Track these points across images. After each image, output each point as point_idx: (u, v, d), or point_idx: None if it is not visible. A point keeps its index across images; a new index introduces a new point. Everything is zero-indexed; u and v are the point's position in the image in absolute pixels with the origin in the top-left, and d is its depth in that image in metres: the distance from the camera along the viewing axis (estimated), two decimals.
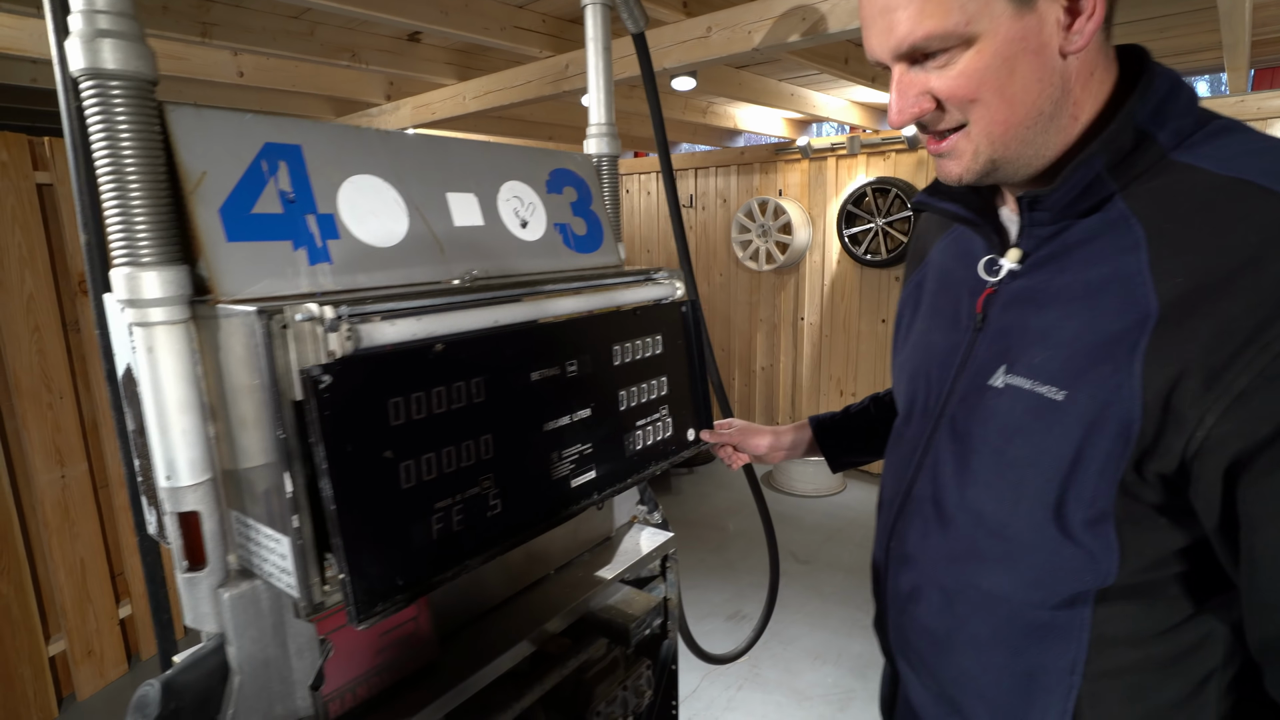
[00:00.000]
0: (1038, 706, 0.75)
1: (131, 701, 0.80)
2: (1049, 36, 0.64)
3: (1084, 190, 0.67)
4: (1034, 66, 0.65)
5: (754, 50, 1.76)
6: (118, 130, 0.68)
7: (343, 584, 0.71)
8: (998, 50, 0.64)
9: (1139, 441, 0.62)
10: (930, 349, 0.85)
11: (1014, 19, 0.63)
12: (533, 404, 0.93)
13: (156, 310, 0.72)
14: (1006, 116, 0.67)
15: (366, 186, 0.90)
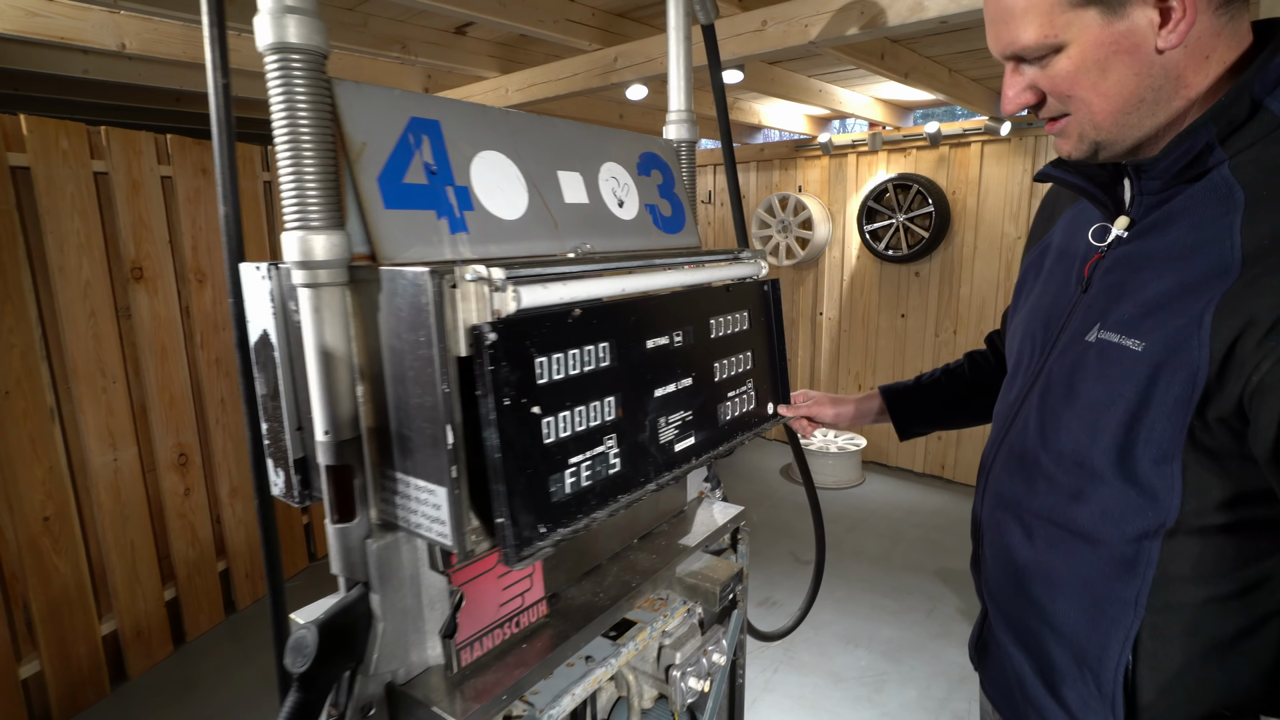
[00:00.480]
0: (1102, 635, 0.81)
1: (289, 643, 0.84)
2: (1142, 38, 0.69)
3: (1192, 160, 0.72)
4: (1128, 64, 0.71)
5: (810, 44, 1.81)
6: (296, 100, 0.73)
7: (500, 528, 0.76)
8: (1087, 54, 0.71)
9: (1205, 387, 0.67)
10: (1040, 312, 0.91)
11: (1103, 26, 0.70)
12: (647, 370, 0.98)
13: (324, 272, 0.77)
14: (1104, 107, 0.74)
15: (494, 162, 0.95)
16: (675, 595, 1.29)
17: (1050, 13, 0.71)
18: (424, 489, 0.81)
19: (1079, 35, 0.71)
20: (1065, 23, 0.71)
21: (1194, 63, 0.71)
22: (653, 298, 0.99)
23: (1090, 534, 0.81)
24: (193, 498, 2.83)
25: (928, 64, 3.05)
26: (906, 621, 2.99)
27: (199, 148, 2.76)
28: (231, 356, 2.98)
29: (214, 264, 2.87)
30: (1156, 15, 0.68)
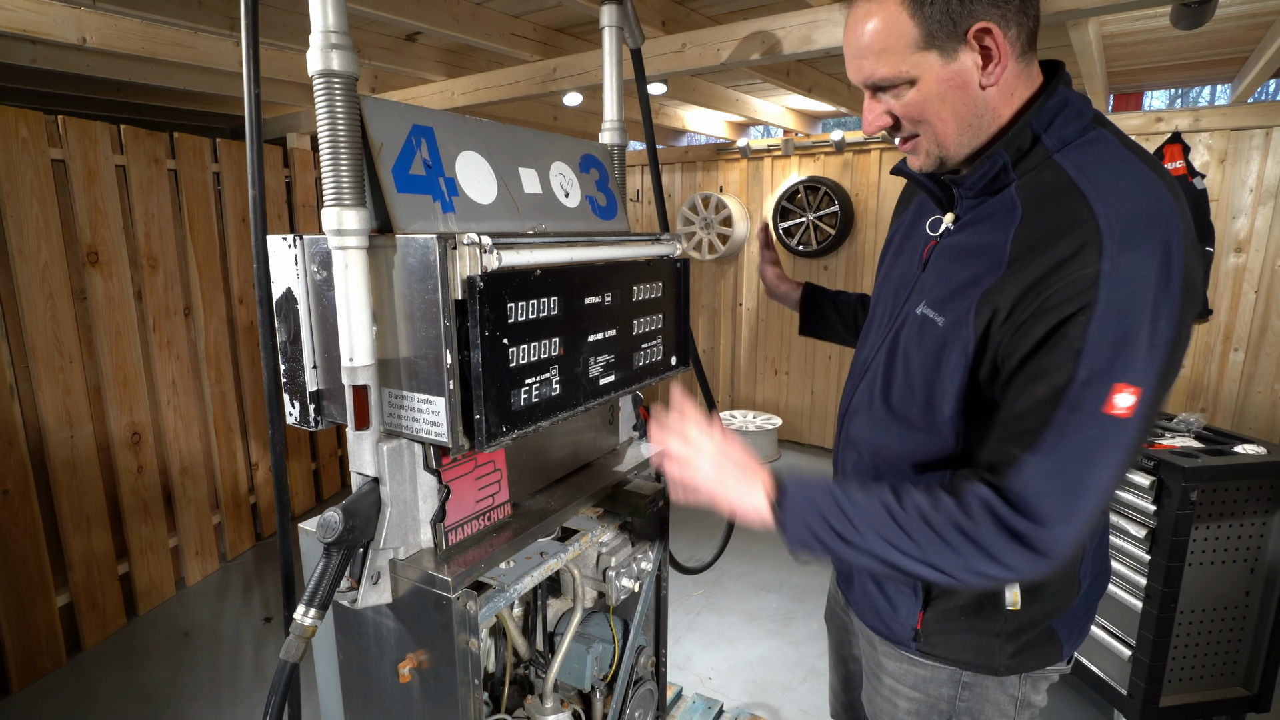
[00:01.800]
0: None
1: (318, 522, 1.11)
2: (970, 76, 0.88)
3: (992, 178, 0.93)
4: (960, 97, 0.90)
5: (721, 65, 2.16)
6: (336, 112, 1.00)
7: (477, 424, 1.06)
8: (930, 88, 0.90)
9: (972, 357, 0.90)
10: (891, 282, 1.17)
11: (942, 66, 0.88)
12: (584, 320, 1.28)
13: (352, 238, 1.04)
14: (943, 131, 0.93)
15: (472, 160, 1.24)
16: (611, 511, 1.60)
17: (902, 53, 0.88)
18: (426, 401, 1.09)
19: (924, 73, 0.89)
20: (914, 62, 0.88)
21: (1004, 98, 0.91)
22: (591, 266, 1.29)
23: (908, 462, 1.04)
24: (145, 476, 2.94)
25: (828, 80, 3.48)
26: (812, 570, 3.41)
27: (151, 139, 2.87)
28: (181, 341, 3.10)
29: (165, 250, 2.99)
30: (980, 59, 0.87)
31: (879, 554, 0.88)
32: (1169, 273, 0.78)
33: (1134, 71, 3.50)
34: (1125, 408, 0.77)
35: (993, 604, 1.02)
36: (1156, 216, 0.80)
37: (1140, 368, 0.78)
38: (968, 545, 0.84)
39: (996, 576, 0.85)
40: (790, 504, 0.96)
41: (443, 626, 1.14)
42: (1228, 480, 1.98)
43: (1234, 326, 3.71)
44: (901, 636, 1.09)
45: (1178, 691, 2.11)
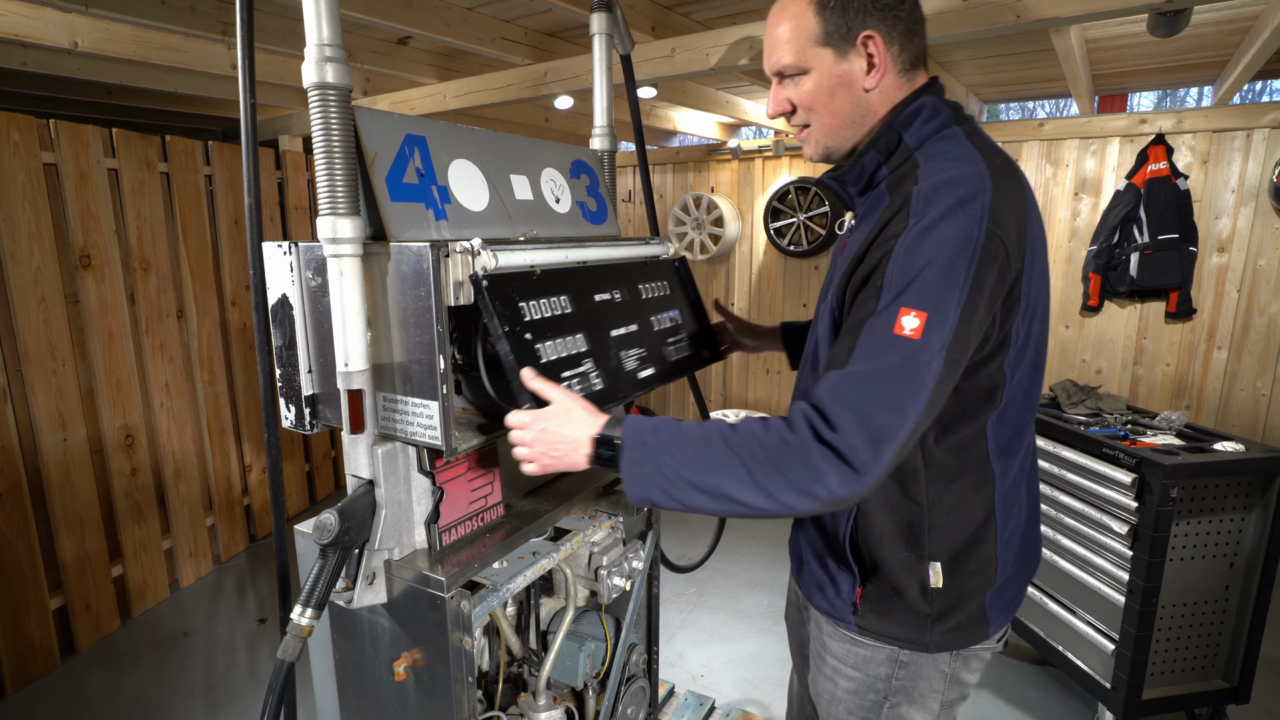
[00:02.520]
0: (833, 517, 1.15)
1: (314, 523, 1.13)
2: (855, 78, 1.02)
3: (869, 176, 1.07)
4: (846, 95, 1.03)
5: (710, 70, 2.19)
6: (331, 123, 1.02)
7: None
8: (822, 81, 1.03)
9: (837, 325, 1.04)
10: (824, 282, 1.24)
11: (834, 64, 1.02)
12: (600, 316, 1.29)
13: (347, 246, 1.06)
14: (830, 123, 1.06)
15: (464, 168, 1.26)
16: (602, 511, 1.63)
17: (803, 46, 1.02)
18: (420, 404, 1.11)
19: (818, 66, 1.02)
20: (811, 55, 1.02)
21: (883, 103, 1.04)
22: (590, 266, 1.32)
23: None
24: (139, 478, 2.95)
25: None
26: None
27: (143, 142, 2.88)
28: (174, 343, 3.10)
29: (158, 254, 2.99)
30: (866, 64, 1.01)
31: (711, 484, 0.90)
32: (967, 224, 0.89)
33: (1118, 74, 3.55)
34: (912, 329, 0.87)
35: (919, 583, 1.08)
36: (959, 180, 0.93)
37: (928, 296, 0.87)
38: (792, 458, 0.87)
39: (818, 495, 0.86)
40: (632, 430, 0.98)
41: (437, 625, 1.16)
42: (1207, 477, 2.02)
43: (1217, 325, 3.77)
44: (843, 613, 1.15)
45: (1160, 684, 2.15)
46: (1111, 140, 3.86)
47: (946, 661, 1.13)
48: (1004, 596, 1.13)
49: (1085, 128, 3.89)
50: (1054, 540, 2.38)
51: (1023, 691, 2.50)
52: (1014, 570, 1.13)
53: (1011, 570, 1.12)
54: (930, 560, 1.07)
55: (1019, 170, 1.01)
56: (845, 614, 1.15)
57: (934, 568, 1.07)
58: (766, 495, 0.88)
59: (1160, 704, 2.12)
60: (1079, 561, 2.28)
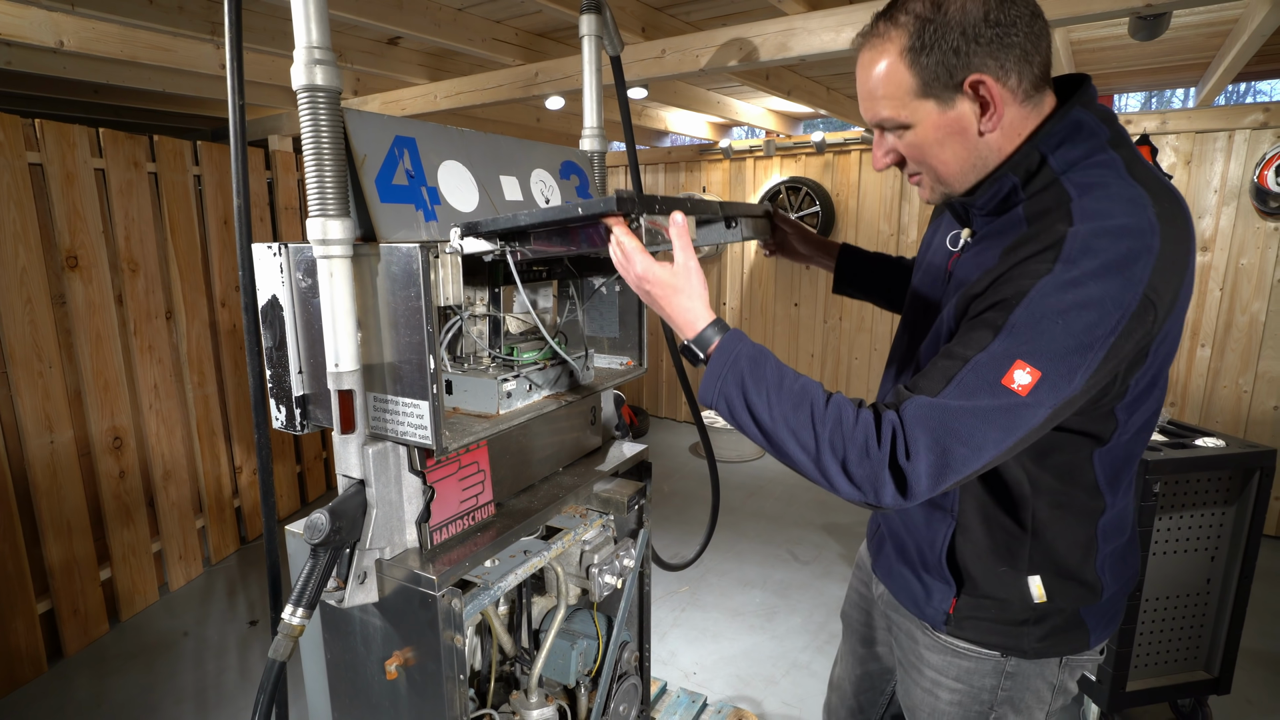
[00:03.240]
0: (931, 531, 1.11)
1: (305, 523, 1.14)
2: (968, 124, 0.91)
3: (1002, 200, 0.95)
4: (959, 142, 0.93)
5: (700, 71, 2.20)
6: (320, 125, 1.03)
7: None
8: (928, 134, 0.94)
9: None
10: (924, 286, 1.17)
11: (939, 114, 0.92)
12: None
13: (337, 247, 1.07)
14: (944, 171, 0.97)
15: (454, 169, 1.27)
16: (593, 510, 1.64)
17: (901, 99, 0.92)
18: (410, 404, 1.12)
19: (922, 119, 0.92)
20: (912, 109, 0.92)
21: (1009, 139, 0.93)
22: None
23: None
24: (128, 480, 2.93)
25: (807, 83, 3.53)
26: (795, 566, 3.47)
27: (130, 142, 2.86)
28: (163, 345, 3.09)
29: (146, 255, 2.98)
30: (978, 108, 0.90)
31: (778, 435, 0.90)
32: (1121, 288, 0.80)
33: (1104, 75, 3.58)
34: (1021, 385, 0.81)
35: (1020, 599, 1.06)
36: (1125, 232, 0.82)
37: (1048, 353, 0.81)
38: (866, 465, 0.85)
39: (866, 499, 0.87)
40: (726, 342, 0.97)
41: (428, 624, 1.17)
42: (1189, 472, 2.05)
43: (1201, 323, 3.82)
44: (934, 619, 1.13)
45: (1144, 676, 2.19)
46: None
47: (1054, 672, 1.11)
48: (1105, 611, 1.10)
49: None
50: None
51: None
52: (1116, 587, 1.10)
53: (1114, 587, 1.09)
54: (1030, 575, 1.05)
55: (1186, 211, 0.89)
56: (937, 620, 1.13)
57: (1034, 582, 1.04)
58: (820, 471, 0.88)
59: (1144, 695, 2.15)
60: None
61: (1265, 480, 2.06)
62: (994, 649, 1.10)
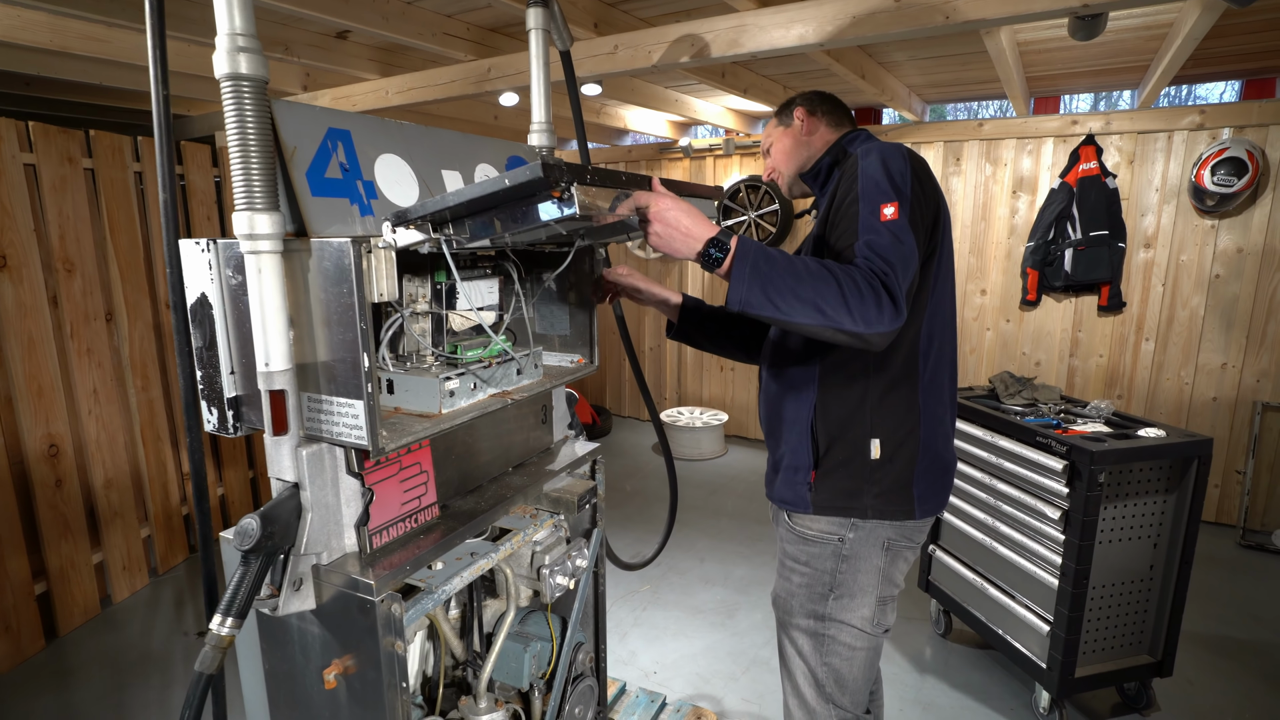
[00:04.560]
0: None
1: (235, 529, 1.09)
2: (797, 134, 1.56)
3: (825, 177, 1.52)
4: (794, 147, 1.57)
5: (652, 67, 2.19)
6: (245, 116, 0.99)
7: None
8: (780, 146, 1.58)
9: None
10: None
11: (784, 134, 1.57)
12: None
13: (265, 242, 1.03)
14: (789, 169, 1.59)
15: (392, 163, 1.23)
16: (544, 509, 1.62)
17: (771, 132, 1.60)
18: (345, 404, 1.08)
19: (776, 140, 1.60)
20: (772, 135, 1.60)
21: (820, 143, 1.55)
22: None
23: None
24: (65, 490, 2.81)
25: (764, 81, 3.55)
26: (757, 562, 3.48)
27: (64, 136, 2.75)
28: (103, 348, 2.97)
29: (83, 254, 2.86)
30: (802, 127, 1.55)
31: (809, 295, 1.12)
32: (898, 150, 1.31)
33: (1050, 77, 3.68)
34: (890, 214, 1.22)
35: (861, 455, 1.37)
36: (876, 147, 1.32)
37: (891, 195, 1.23)
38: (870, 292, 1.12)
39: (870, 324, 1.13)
40: (746, 243, 1.18)
41: (367, 631, 1.13)
42: (1132, 462, 2.11)
43: (1145, 318, 3.95)
44: (798, 497, 1.43)
45: (1091, 662, 2.24)
46: (1046, 140, 4.00)
47: (880, 555, 1.42)
48: (928, 481, 1.40)
49: (1022, 128, 4.03)
50: (992, 527, 2.46)
51: (966, 674, 2.58)
52: (930, 462, 1.40)
53: (928, 462, 1.40)
54: (871, 438, 1.37)
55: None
56: (803, 493, 1.42)
57: (874, 445, 1.37)
58: (848, 313, 1.11)
59: (1091, 681, 2.21)
60: (1016, 547, 2.36)
61: (1203, 468, 2.13)
62: (842, 513, 1.39)
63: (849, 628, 1.44)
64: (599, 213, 1.02)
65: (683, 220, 1.16)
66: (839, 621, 1.44)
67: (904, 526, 1.41)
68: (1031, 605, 2.31)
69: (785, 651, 1.55)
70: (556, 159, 0.95)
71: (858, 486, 1.38)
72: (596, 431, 5.42)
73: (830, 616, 1.44)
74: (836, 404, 1.39)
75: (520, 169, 0.92)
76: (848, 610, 1.43)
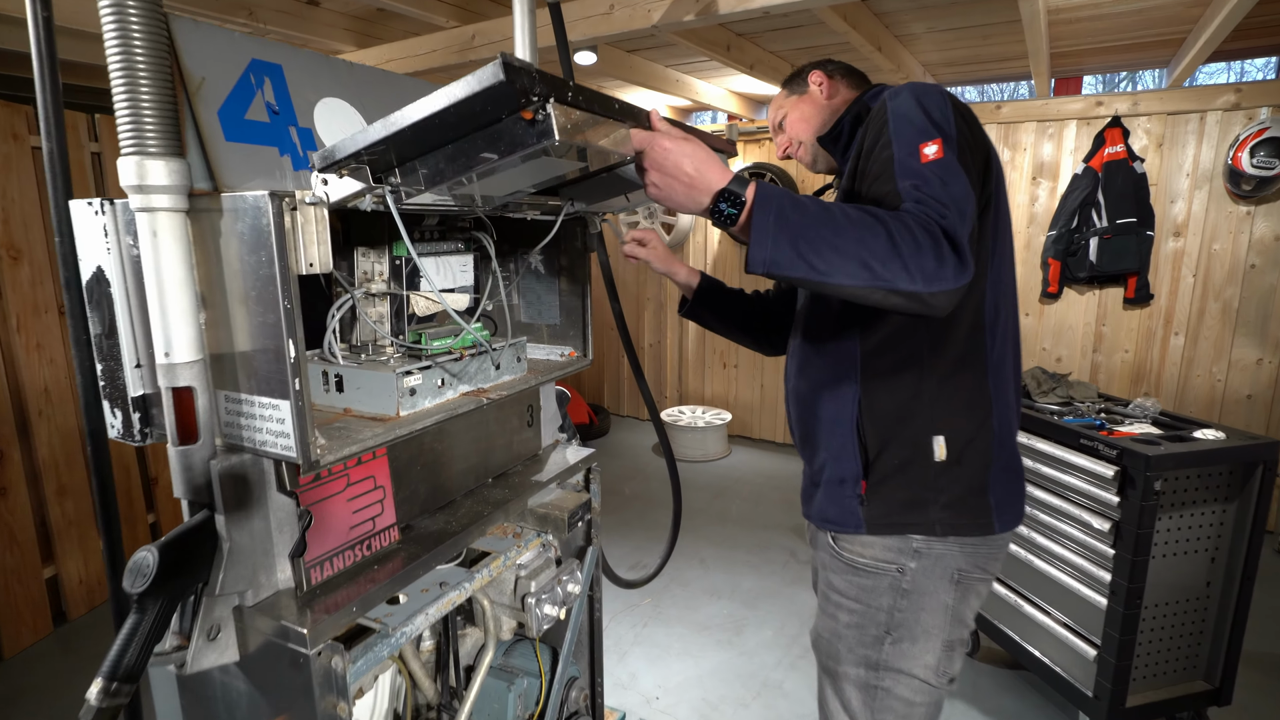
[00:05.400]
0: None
1: (129, 565, 0.86)
2: (815, 99, 1.36)
3: (846, 136, 1.29)
4: (814, 112, 1.35)
5: (653, 27, 1.96)
6: (130, 28, 0.76)
7: None
8: (796, 115, 1.37)
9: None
10: None
11: (798, 102, 1.37)
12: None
13: (161, 197, 0.80)
14: (809, 135, 1.37)
15: (337, 109, 1.00)
16: (529, 528, 1.39)
17: (781, 104, 1.40)
18: (268, 405, 0.85)
19: (790, 108, 1.39)
20: (784, 105, 1.40)
21: (841, 102, 1.35)
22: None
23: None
24: (12, 498, 2.58)
25: (770, 58, 3.32)
26: (765, 572, 3.25)
27: (7, 110, 2.51)
28: (55, 343, 2.73)
29: (31, 240, 2.62)
30: (819, 89, 1.35)
31: (849, 247, 0.89)
32: (922, 98, 1.05)
33: (1076, 53, 3.45)
34: (933, 153, 0.99)
35: (923, 456, 1.13)
36: (906, 86, 1.09)
37: (931, 132, 1.01)
38: (928, 240, 0.89)
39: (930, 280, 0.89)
40: (766, 188, 0.94)
41: (301, 690, 0.90)
42: (1191, 467, 1.88)
43: (1174, 311, 3.72)
44: (847, 515, 1.18)
45: (1143, 690, 2.02)
46: (1068, 123, 3.77)
47: (949, 590, 1.15)
48: (1004, 484, 1.16)
49: (1042, 110, 3.80)
50: (1027, 538, 2.23)
51: (997, 699, 2.35)
52: (1006, 461, 1.16)
53: (1006, 459, 1.16)
54: (934, 435, 1.12)
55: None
56: (853, 509, 1.17)
57: (939, 444, 1.12)
58: (903, 267, 0.88)
59: (1144, 711, 1.99)
60: (1055, 560, 2.13)
61: (1269, 474, 1.90)
62: (901, 531, 1.14)
63: (908, 678, 1.17)
64: (589, 151, 0.79)
65: (684, 165, 0.93)
66: (896, 671, 1.17)
67: (977, 550, 1.15)
68: (1073, 624, 2.08)
69: (828, 705, 1.27)
70: (522, 60, 0.71)
71: (921, 496, 1.13)
72: (594, 432, 5.18)
73: (886, 665, 1.17)
74: (886, 395, 1.14)
75: (476, 72, 0.69)
76: (907, 657, 1.16)
